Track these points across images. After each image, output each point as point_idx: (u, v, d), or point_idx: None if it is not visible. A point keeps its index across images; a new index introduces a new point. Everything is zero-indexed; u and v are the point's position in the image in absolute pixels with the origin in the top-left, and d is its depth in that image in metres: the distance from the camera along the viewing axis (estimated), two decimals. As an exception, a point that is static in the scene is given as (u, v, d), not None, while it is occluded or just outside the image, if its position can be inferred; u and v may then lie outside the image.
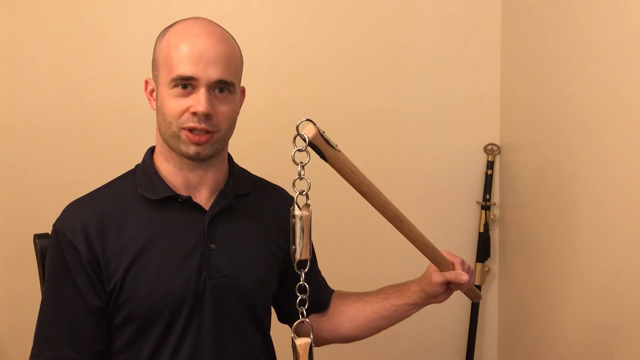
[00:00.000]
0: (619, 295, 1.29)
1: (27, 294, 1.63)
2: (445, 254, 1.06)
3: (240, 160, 1.18)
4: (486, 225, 1.99)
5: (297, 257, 0.79)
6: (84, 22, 1.93)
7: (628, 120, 1.23)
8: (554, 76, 1.59)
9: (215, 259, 0.98)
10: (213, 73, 0.93)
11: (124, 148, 1.92)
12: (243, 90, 1.07)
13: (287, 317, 1.19)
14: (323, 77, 1.98)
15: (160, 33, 1.01)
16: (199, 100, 0.92)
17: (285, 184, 1.28)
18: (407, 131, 2.00)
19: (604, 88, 1.32)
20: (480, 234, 2.00)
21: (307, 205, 0.79)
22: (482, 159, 2.00)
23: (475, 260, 2.02)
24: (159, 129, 0.99)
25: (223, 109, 0.96)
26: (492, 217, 2.00)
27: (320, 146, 0.79)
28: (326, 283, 1.23)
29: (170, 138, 0.96)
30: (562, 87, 1.54)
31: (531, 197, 1.77)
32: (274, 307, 1.19)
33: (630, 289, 1.24)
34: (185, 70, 0.92)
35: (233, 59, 0.98)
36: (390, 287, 1.15)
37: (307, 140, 0.78)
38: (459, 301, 2.07)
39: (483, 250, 1.99)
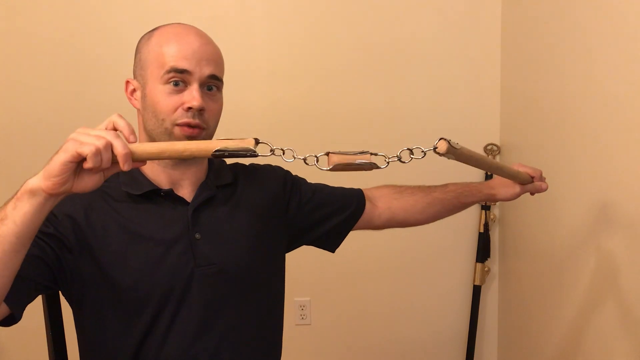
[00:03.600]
0: (618, 295, 1.29)
1: (27, 294, 1.63)
2: (521, 169, 1.17)
3: (240, 160, 1.18)
4: (486, 225, 1.99)
5: None
6: (82, 22, 1.93)
7: (628, 120, 1.23)
8: (553, 76, 1.59)
9: (201, 248, 0.99)
10: (206, 69, 0.96)
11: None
12: None
13: (334, 240, 1.22)
14: (323, 77, 1.98)
15: (144, 36, 1.03)
16: (193, 96, 0.95)
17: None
18: (407, 131, 2.00)
19: (604, 88, 1.32)
20: (480, 234, 2.00)
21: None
22: (482, 159, 2.00)
23: (475, 260, 2.02)
24: (147, 127, 0.99)
25: (212, 106, 0.99)
26: (492, 217, 2.00)
27: (454, 154, 0.91)
28: (347, 193, 1.24)
29: (161, 134, 0.97)
30: (561, 87, 1.54)
31: (531, 197, 1.77)
32: (322, 248, 1.22)
33: (629, 289, 1.24)
34: (180, 63, 0.95)
35: (220, 58, 1.02)
36: (455, 186, 1.26)
37: (440, 154, 0.90)
38: (459, 301, 2.08)
39: (483, 250, 1.99)
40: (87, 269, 0.95)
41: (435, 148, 0.87)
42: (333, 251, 1.24)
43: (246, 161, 1.17)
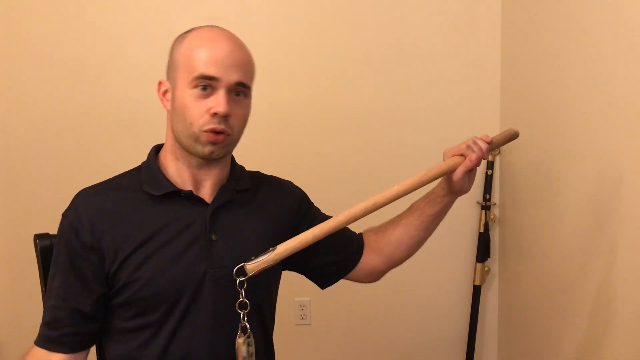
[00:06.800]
0: (618, 295, 1.29)
1: (27, 293, 1.63)
2: (448, 156, 1.10)
3: (241, 160, 1.19)
4: (486, 225, 1.99)
5: None
6: (82, 23, 1.93)
7: (628, 120, 1.23)
8: (553, 76, 1.59)
9: (216, 249, 1.01)
10: (233, 75, 0.98)
11: (123, 148, 1.92)
12: None
13: (327, 278, 1.23)
14: (324, 77, 1.98)
15: (179, 37, 1.05)
16: (218, 102, 0.97)
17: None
18: (407, 131, 2.00)
19: (604, 88, 1.32)
20: (480, 234, 2.00)
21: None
22: (482, 159, 2.00)
23: (475, 260, 2.02)
24: (175, 128, 1.02)
25: (239, 111, 1.01)
26: (492, 217, 2.00)
27: (264, 266, 0.94)
28: (350, 234, 1.21)
29: (187, 138, 1.00)
30: (562, 87, 1.54)
31: (531, 197, 1.77)
32: (313, 281, 1.23)
33: (629, 289, 1.24)
34: (208, 70, 0.96)
35: (250, 64, 1.04)
36: (418, 202, 1.17)
37: (247, 274, 0.95)
38: (459, 302, 2.08)
39: (483, 250, 1.99)
40: (105, 268, 0.99)
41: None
42: (323, 288, 1.24)
43: (268, 173, 1.21)
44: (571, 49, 1.48)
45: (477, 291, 2.01)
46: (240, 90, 1.01)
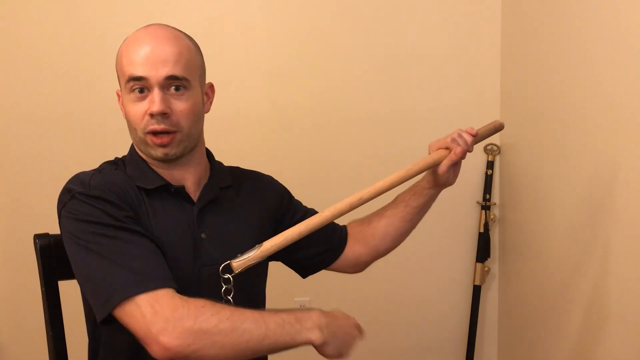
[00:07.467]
0: (617, 295, 1.29)
1: (27, 294, 1.63)
2: (433, 149, 1.11)
3: (240, 161, 1.19)
4: (486, 225, 1.99)
5: None
6: (81, 23, 1.93)
7: (628, 120, 1.23)
8: (553, 76, 1.59)
9: (206, 247, 1.02)
10: (162, 71, 0.95)
11: (123, 148, 1.92)
12: (211, 86, 1.10)
13: (309, 269, 1.23)
14: (324, 78, 1.98)
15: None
16: (152, 101, 0.95)
17: (284, 185, 1.28)
18: (407, 132, 2.00)
19: (604, 88, 1.32)
20: (480, 234, 2.00)
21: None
22: (482, 159, 2.00)
23: (475, 260, 2.02)
24: (131, 137, 1.03)
25: (180, 106, 0.98)
26: (492, 217, 2.00)
27: (250, 263, 0.97)
28: (333, 226, 1.21)
29: (139, 143, 1.00)
30: (561, 87, 1.54)
31: (531, 197, 1.77)
32: (294, 270, 1.23)
33: (628, 288, 1.24)
34: (135, 71, 0.95)
35: (183, 55, 0.99)
36: (403, 194, 1.19)
37: (234, 271, 0.97)
38: (459, 302, 2.07)
39: (483, 250, 1.99)
40: None
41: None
42: (304, 277, 1.24)
43: (247, 167, 1.21)
44: (571, 50, 1.49)
45: (477, 291, 2.01)
46: (179, 84, 0.97)
